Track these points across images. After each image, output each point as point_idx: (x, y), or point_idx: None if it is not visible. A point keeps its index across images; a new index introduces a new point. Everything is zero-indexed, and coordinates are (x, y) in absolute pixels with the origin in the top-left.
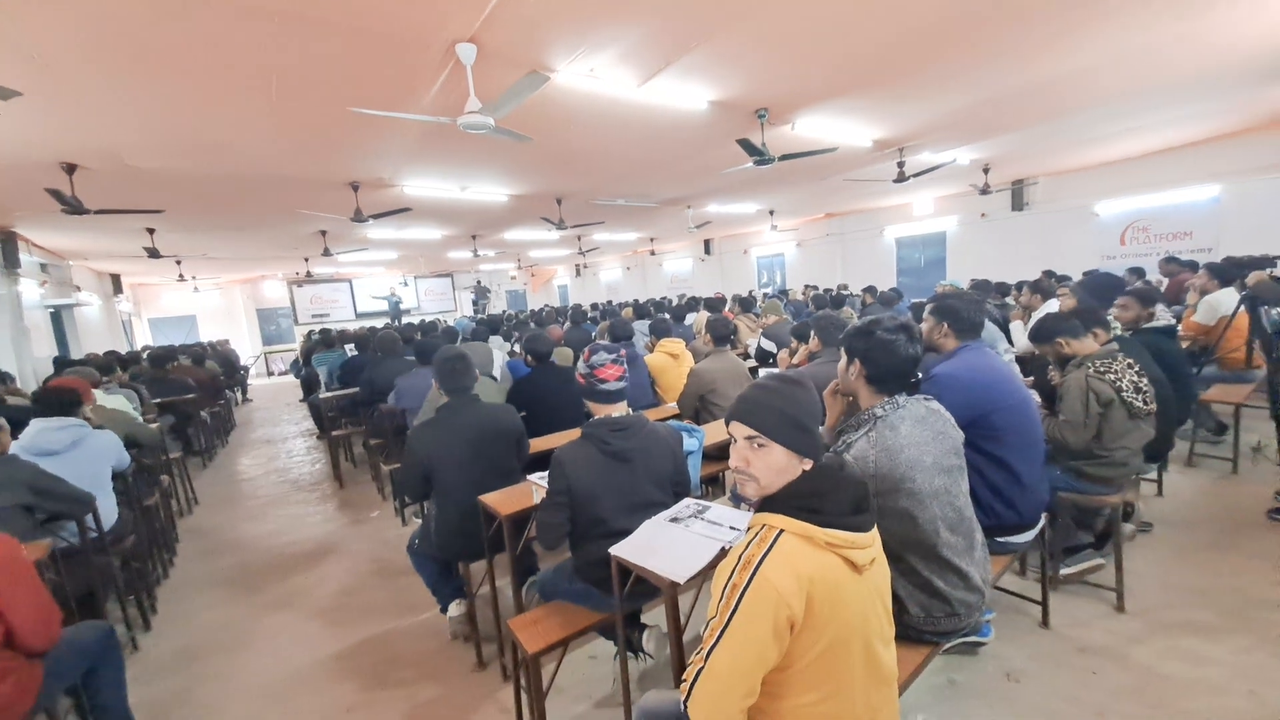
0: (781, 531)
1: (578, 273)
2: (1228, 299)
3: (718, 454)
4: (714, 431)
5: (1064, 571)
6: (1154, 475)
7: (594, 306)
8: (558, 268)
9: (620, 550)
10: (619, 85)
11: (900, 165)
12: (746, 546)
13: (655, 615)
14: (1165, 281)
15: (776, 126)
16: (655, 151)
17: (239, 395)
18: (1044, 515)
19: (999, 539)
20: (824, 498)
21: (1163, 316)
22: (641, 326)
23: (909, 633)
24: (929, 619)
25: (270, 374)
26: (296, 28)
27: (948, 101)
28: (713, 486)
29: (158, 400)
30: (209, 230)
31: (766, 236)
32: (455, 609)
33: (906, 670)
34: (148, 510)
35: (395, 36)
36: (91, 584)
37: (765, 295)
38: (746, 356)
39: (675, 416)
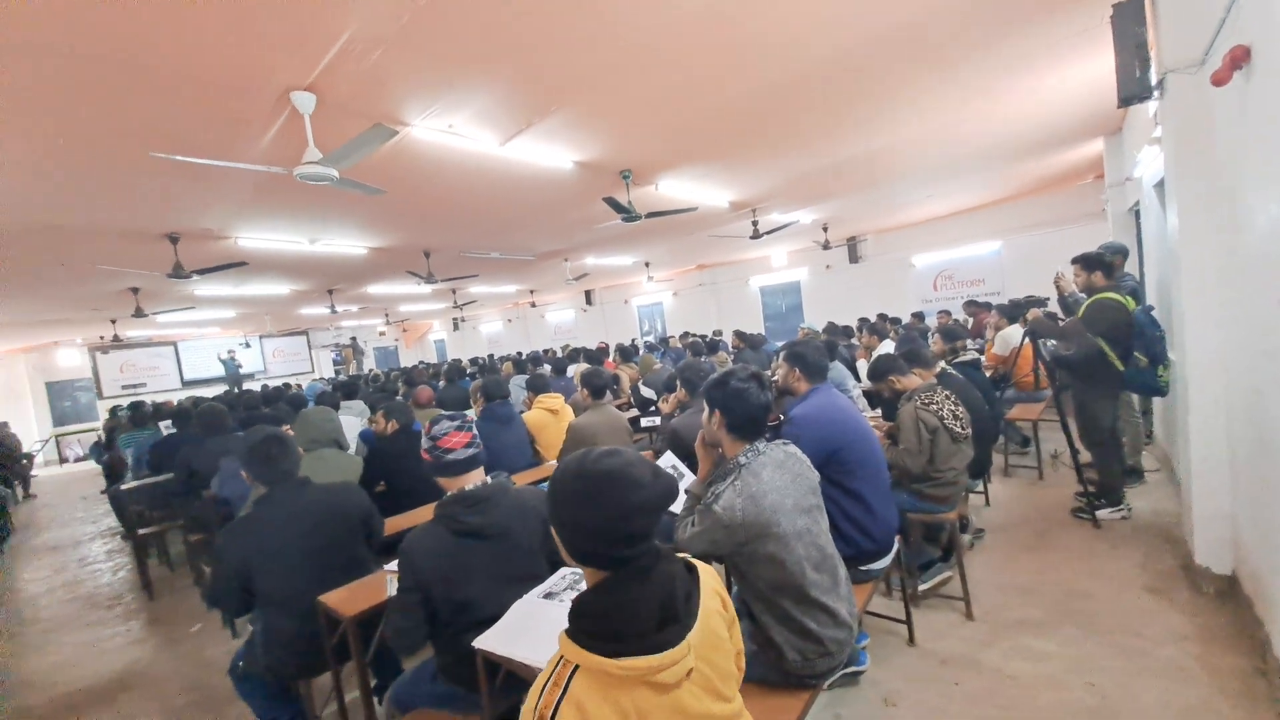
0: (576, 668)
1: (456, 326)
2: (1015, 333)
3: None
4: None
5: (921, 588)
6: (981, 489)
7: (473, 361)
8: (433, 322)
9: (485, 642)
10: (481, 143)
11: (755, 223)
12: (541, 692)
13: None
14: (970, 320)
15: (641, 186)
16: (526, 206)
17: (18, 491)
18: (897, 538)
19: (861, 568)
20: (616, 617)
21: (970, 350)
22: (520, 382)
23: (790, 680)
24: (806, 663)
25: (64, 460)
26: (89, 66)
27: (786, 170)
28: None
29: None
30: None
31: (645, 286)
32: None
33: (792, 718)
34: None
35: (215, 81)
36: None
37: (646, 345)
38: (631, 406)
39: None
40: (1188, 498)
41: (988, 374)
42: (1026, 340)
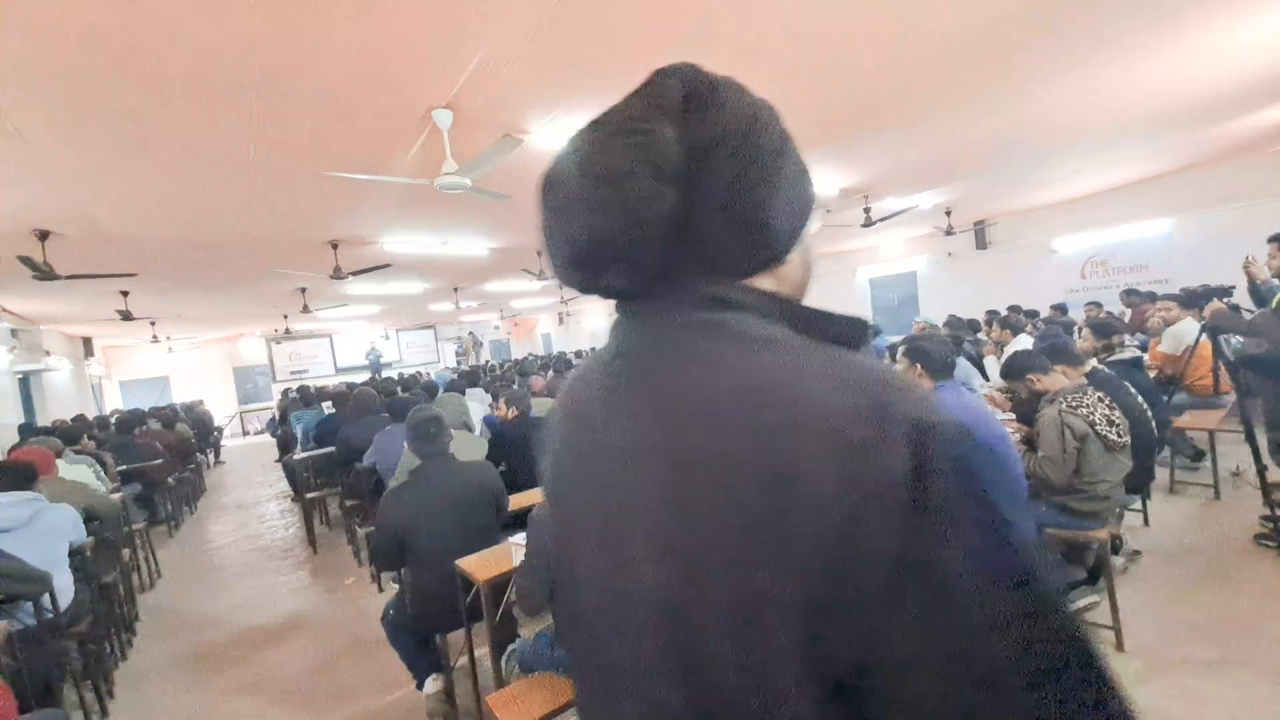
0: None
1: (561, 321)
2: (1189, 328)
3: None
4: None
5: None
6: (1139, 506)
7: (578, 354)
8: (540, 317)
9: None
10: None
11: (867, 211)
12: None
13: None
14: (1129, 313)
15: None
16: None
17: (211, 458)
18: None
19: None
20: None
21: (1129, 347)
22: None
23: None
24: None
25: (246, 433)
26: (278, 102)
27: (910, 150)
28: None
29: (123, 468)
30: (184, 291)
31: None
32: (431, 685)
33: None
34: (106, 588)
35: (375, 104)
36: (48, 669)
37: None
38: None
39: None
40: None
41: (1152, 374)
42: (1204, 337)
